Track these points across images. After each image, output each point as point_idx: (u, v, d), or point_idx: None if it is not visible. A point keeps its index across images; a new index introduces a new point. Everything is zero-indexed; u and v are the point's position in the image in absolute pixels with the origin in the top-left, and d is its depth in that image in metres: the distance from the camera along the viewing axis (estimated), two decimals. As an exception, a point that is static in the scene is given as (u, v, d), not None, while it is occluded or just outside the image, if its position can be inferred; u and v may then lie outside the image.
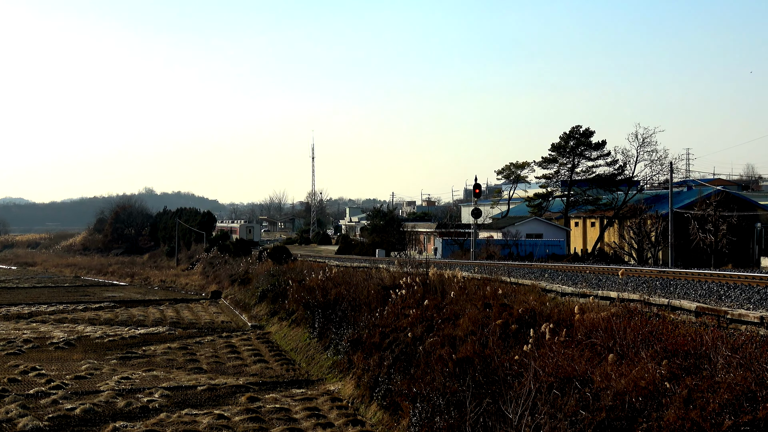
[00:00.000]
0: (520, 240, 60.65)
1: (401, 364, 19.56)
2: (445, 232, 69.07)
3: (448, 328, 19.02)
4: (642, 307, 15.84)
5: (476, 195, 52.73)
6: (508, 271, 27.62)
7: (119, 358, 30.69)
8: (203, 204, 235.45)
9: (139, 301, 57.74)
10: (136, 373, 27.26)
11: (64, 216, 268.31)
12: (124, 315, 47.09)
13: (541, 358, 13.77)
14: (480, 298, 20.42)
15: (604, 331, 13.84)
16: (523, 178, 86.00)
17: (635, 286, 19.86)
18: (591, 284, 21.26)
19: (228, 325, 43.09)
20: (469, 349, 16.29)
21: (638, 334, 13.07)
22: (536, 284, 22.03)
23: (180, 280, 77.07)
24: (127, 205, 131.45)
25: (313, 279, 37.57)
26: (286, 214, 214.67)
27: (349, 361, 24.41)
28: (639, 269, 26.82)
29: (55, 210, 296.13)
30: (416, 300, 23.54)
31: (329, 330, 29.33)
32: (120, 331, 39.00)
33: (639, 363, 11.91)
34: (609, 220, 66.64)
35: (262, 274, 53.73)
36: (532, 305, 17.68)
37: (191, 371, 27.93)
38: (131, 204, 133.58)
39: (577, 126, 68.97)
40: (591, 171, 69.43)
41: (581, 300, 18.26)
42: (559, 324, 15.42)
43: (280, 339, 35.82)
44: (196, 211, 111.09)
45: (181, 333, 39.06)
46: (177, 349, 33.11)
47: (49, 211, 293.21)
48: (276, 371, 27.96)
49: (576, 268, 29.35)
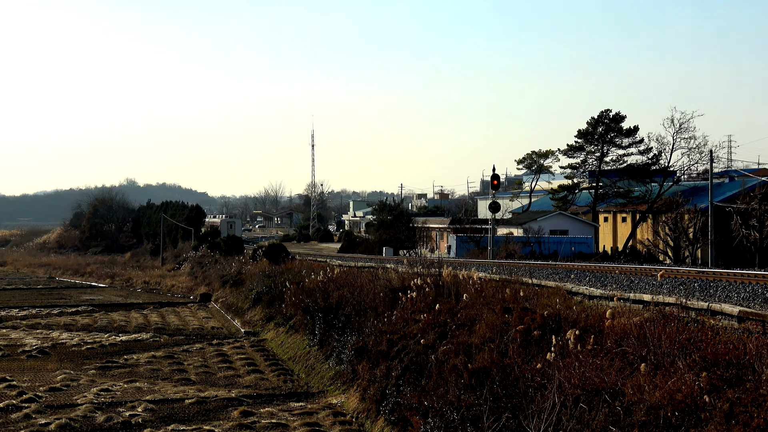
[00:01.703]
0: (543, 237, 60.62)
1: (411, 374, 19.58)
2: (460, 229, 69.06)
3: (463, 334, 19.03)
4: (679, 312, 15.82)
5: (494, 187, 52.72)
6: (529, 272, 27.61)
7: (98, 368, 30.78)
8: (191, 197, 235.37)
9: (120, 305, 57.87)
10: (117, 384, 27.35)
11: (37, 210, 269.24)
12: (103, 320, 47.21)
13: (566, 368, 13.77)
14: (498, 301, 20.43)
15: (636, 338, 13.84)
16: (546, 169, 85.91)
17: (671, 288, 19.84)
18: (622, 286, 21.25)
19: (219, 331, 43.17)
20: (486, 358, 16.30)
21: (674, 342, 13.06)
22: (561, 286, 22.01)
23: (165, 281, 77.20)
24: (106, 199, 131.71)
25: (314, 280, 37.62)
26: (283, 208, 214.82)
27: (353, 371, 24.44)
28: (675, 269, 26.79)
29: (27, 204, 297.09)
30: (428, 304, 23.55)
31: (331, 337, 29.36)
32: (99, 338, 39.11)
33: (675, 374, 11.91)
34: (642, 214, 66.51)
35: (256, 274, 53.80)
36: (557, 309, 17.68)
37: (178, 382, 28.00)
38: (111, 197, 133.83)
39: (607, 110, 68.86)
40: (622, 160, 69.33)
41: (611, 304, 18.25)
42: (587, 330, 15.42)
43: (277, 347, 35.87)
44: (183, 204, 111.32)
45: (167, 340, 39.14)
46: (162, 358, 33.19)
47: (20, 205, 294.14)
48: (272, 382, 28.02)
49: (605, 269, 29.33)
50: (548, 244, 59.29)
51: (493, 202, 52.24)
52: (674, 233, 56.14)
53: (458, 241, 65.74)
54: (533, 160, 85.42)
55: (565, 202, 72.65)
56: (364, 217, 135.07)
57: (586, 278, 24.76)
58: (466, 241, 65.02)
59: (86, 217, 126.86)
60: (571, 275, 25.94)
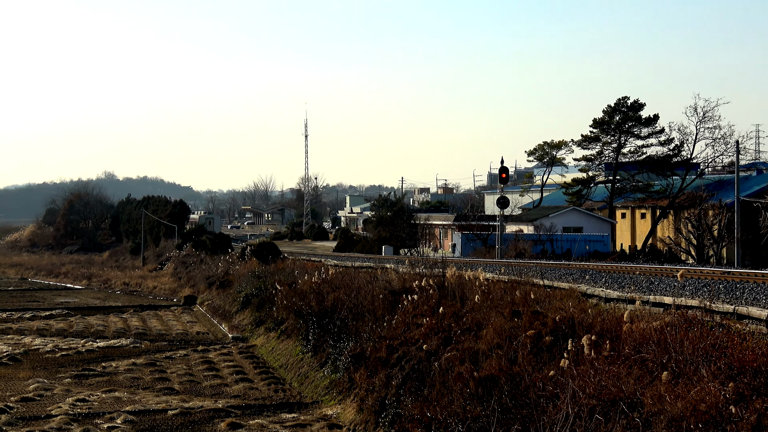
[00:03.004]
0: (555, 234, 60.62)
1: (413, 383, 19.59)
2: (466, 226, 69.07)
3: (469, 340, 19.04)
4: (702, 316, 15.83)
5: (503, 181, 52.70)
6: (541, 272, 27.62)
7: (74, 377, 30.79)
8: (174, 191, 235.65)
9: (97, 308, 57.86)
10: (95, 394, 27.36)
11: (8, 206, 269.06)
12: (80, 325, 47.22)
13: (580, 376, 13.78)
14: (507, 304, 20.44)
15: (656, 344, 13.84)
16: (559, 161, 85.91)
17: (694, 289, 19.84)
18: (641, 288, 21.25)
19: (204, 336, 43.17)
20: (494, 366, 16.31)
21: (698, 348, 13.06)
22: (575, 288, 22.03)
23: (147, 282, 77.19)
24: (83, 193, 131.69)
25: (307, 281, 37.62)
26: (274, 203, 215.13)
27: (350, 379, 24.45)
28: (699, 269, 26.80)
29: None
30: (431, 307, 23.56)
31: (326, 343, 29.37)
32: (75, 344, 39.11)
33: (699, 383, 11.91)
34: (662, 210, 66.53)
35: (245, 275, 53.82)
36: (571, 313, 17.69)
37: (161, 392, 28.01)
38: (88, 192, 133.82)
39: (624, 97, 68.81)
40: (641, 152, 69.31)
41: (629, 307, 18.25)
42: (603, 335, 15.42)
43: (267, 353, 35.88)
44: (165, 200, 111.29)
45: (149, 346, 39.15)
46: (143, 366, 33.20)
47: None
48: (262, 392, 28.03)
49: (623, 269, 29.35)
50: (561, 243, 59.30)
51: (501, 197, 52.25)
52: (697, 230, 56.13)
53: (464, 239, 65.75)
54: (545, 151, 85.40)
55: (579, 197, 72.62)
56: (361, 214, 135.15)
57: (602, 279, 24.77)
58: (473, 239, 65.04)
59: (61, 214, 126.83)
60: (586, 276, 25.94)
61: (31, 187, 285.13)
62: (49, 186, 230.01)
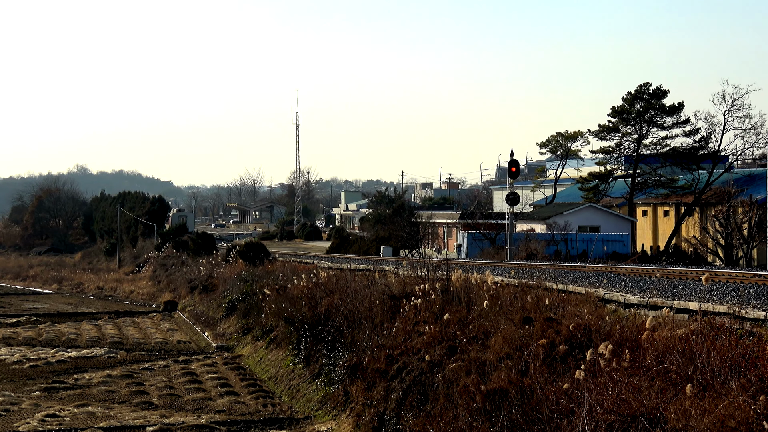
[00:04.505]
0: (570, 234, 60.63)
1: (414, 397, 19.61)
2: (472, 224, 69.06)
3: (476, 350, 19.06)
4: (731, 323, 15.84)
5: (512, 175, 52.72)
6: (554, 276, 27.63)
7: (44, 390, 30.81)
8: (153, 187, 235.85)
9: (69, 315, 57.90)
10: (66, 408, 27.37)
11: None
12: (50, 333, 47.24)
13: (597, 389, 13.79)
14: (518, 310, 20.46)
15: (680, 353, 13.85)
16: (574, 153, 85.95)
17: (722, 294, 19.85)
18: (664, 292, 21.27)
19: (186, 346, 43.20)
20: (503, 378, 16.32)
21: (726, 359, 13.07)
22: (592, 292, 22.04)
23: (123, 286, 77.25)
24: (53, 189, 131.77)
25: (298, 286, 37.65)
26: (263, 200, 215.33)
27: (346, 393, 24.48)
28: (727, 272, 26.81)
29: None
30: (434, 313, 23.59)
31: (319, 353, 29.40)
32: (44, 354, 39.13)
33: (727, 396, 11.92)
34: (687, 207, 66.55)
35: (230, 279, 53.87)
36: (587, 320, 17.71)
37: (138, 407, 28.04)
38: (58, 187, 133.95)
39: (646, 84, 68.84)
40: (664, 143, 69.37)
41: (651, 313, 18.26)
42: (622, 344, 15.43)
43: (255, 364, 35.92)
44: (143, 196, 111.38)
45: (125, 356, 39.20)
46: (119, 378, 33.23)
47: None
48: (249, 407, 28.06)
49: (644, 271, 29.36)
50: (576, 243, 59.33)
51: (511, 193, 52.25)
52: (726, 229, 56.12)
53: (470, 239, 65.75)
54: (559, 143, 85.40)
55: (596, 192, 72.67)
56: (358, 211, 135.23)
57: (622, 283, 24.78)
58: (480, 238, 65.03)
59: (29, 211, 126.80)
60: (604, 279, 25.96)
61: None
62: (15, 181, 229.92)
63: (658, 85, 68.60)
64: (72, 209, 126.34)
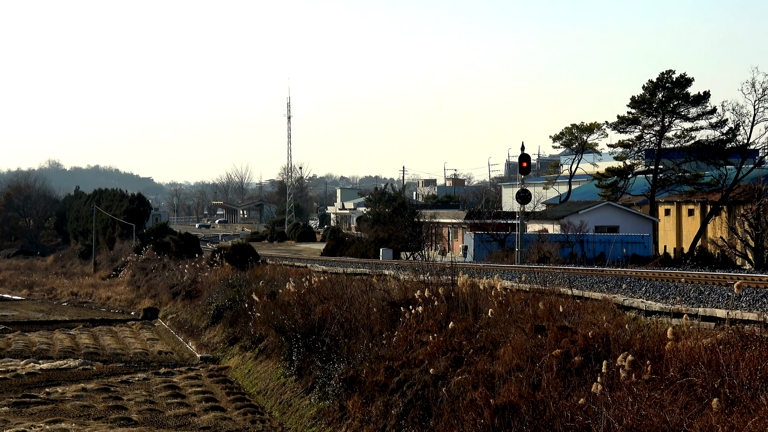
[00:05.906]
0: (586, 235, 60.67)
1: (416, 412, 19.60)
2: (479, 224, 69.12)
3: (484, 361, 19.05)
4: (761, 332, 15.85)
5: (523, 170, 52.69)
6: (569, 280, 27.64)
7: (13, 405, 30.77)
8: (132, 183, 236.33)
9: (40, 323, 57.87)
10: (37, 425, 27.35)
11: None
12: (19, 342, 47.21)
13: (616, 403, 13.79)
14: (529, 318, 20.45)
15: (706, 365, 13.86)
16: (590, 147, 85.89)
17: (751, 301, 19.86)
18: (688, 299, 21.28)
19: (168, 357, 43.18)
20: (513, 392, 16.32)
21: (756, 371, 13.07)
22: (610, 299, 22.05)
23: (99, 292, 77.22)
24: (22, 186, 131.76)
25: (290, 291, 37.66)
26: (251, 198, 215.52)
27: (342, 408, 24.46)
28: (757, 277, 26.81)
29: None
30: (437, 321, 23.58)
31: (312, 364, 29.38)
32: (13, 366, 39.10)
33: (757, 411, 11.93)
34: (714, 206, 66.53)
35: (216, 284, 53.87)
36: (605, 329, 17.71)
37: (115, 423, 28.03)
38: (29, 184, 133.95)
39: (669, 71, 68.78)
40: (688, 136, 69.28)
41: (674, 321, 18.27)
42: (643, 355, 15.44)
43: (243, 377, 35.90)
44: (121, 193, 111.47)
45: (101, 368, 39.16)
46: (95, 392, 33.21)
47: None
48: (237, 423, 28.05)
49: (667, 276, 29.36)
50: (593, 245, 59.36)
51: (521, 190, 52.22)
52: (756, 230, 56.14)
53: (477, 240, 65.77)
54: (573, 135, 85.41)
55: (614, 190, 72.62)
56: (355, 210, 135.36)
57: (642, 288, 24.79)
58: (488, 240, 65.06)
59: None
60: (623, 285, 25.97)
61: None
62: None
63: (681, 72, 68.54)
64: (43, 208, 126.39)
